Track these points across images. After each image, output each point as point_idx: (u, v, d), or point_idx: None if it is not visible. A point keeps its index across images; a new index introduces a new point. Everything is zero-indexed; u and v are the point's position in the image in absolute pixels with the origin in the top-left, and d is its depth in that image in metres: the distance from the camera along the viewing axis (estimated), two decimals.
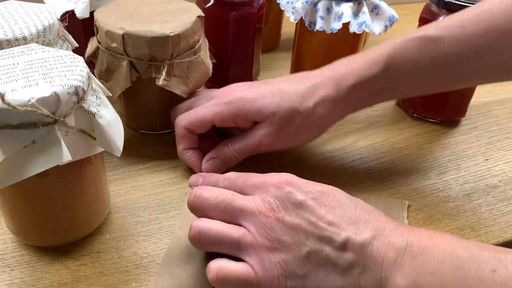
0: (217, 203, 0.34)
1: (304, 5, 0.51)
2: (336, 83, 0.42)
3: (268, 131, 0.42)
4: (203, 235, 0.33)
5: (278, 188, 0.33)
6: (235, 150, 0.44)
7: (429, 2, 0.51)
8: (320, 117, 0.42)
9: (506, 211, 0.44)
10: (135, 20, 0.45)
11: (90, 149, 0.33)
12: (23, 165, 0.29)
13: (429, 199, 0.45)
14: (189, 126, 0.44)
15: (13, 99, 0.28)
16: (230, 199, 0.34)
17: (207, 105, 0.44)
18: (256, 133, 0.43)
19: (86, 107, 0.31)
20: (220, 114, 0.43)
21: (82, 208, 0.36)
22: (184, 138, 0.44)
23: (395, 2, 0.78)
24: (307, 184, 0.34)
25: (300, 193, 0.33)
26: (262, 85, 0.44)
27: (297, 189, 0.33)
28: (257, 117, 0.42)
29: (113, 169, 0.46)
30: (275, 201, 0.33)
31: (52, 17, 0.42)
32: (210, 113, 0.43)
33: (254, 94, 0.42)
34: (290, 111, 0.41)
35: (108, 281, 0.35)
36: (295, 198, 0.32)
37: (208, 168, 0.44)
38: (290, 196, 0.33)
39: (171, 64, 0.45)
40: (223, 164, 0.45)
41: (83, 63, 0.33)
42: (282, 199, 0.33)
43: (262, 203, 0.33)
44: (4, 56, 0.32)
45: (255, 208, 0.33)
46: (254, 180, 0.35)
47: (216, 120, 0.43)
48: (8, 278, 0.35)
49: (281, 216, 0.32)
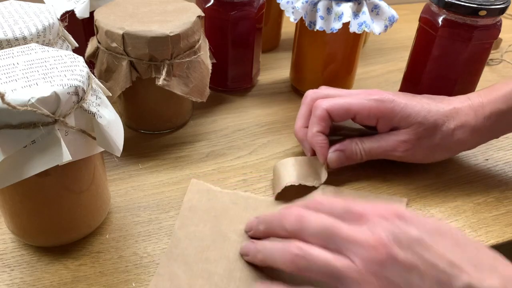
0: (321, 229, 0.31)
1: (304, 5, 0.51)
2: (474, 112, 0.43)
3: (408, 139, 0.43)
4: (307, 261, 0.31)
5: (388, 221, 0.30)
6: (364, 149, 0.44)
7: (429, 2, 0.51)
8: (457, 141, 0.43)
9: (506, 211, 0.44)
10: (135, 20, 0.45)
11: (90, 149, 0.33)
12: (23, 165, 0.29)
13: (429, 199, 0.45)
14: (331, 110, 0.44)
15: (13, 99, 0.28)
16: (335, 227, 0.31)
17: (355, 97, 0.44)
18: (393, 138, 0.44)
19: (86, 107, 0.31)
20: (369, 108, 0.43)
21: (82, 208, 0.36)
22: (322, 120, 0.44)
23: (395, 2, 0.78)
24: (420, 219, 0.30)
25: (414, 228, 0.29)
26: (409, 95, 0.45)
27: (410, 224, 0.29)
28: (403, 122, 0.43)
29: (113, 169, 0.46)
30: (387, 234, 0.29)
31: (52, 17, 0.42)
32: (357, 104, 0.44)
33: (404, 100, 0.44)
34: (434, 126, 0.43)
35: (108, 281, 0.35)
36: (409, 234, 0.29)
37: (333, 158, 0.44)
38: (404, 230, 0.29)
39: (171, 64, 0.45)
40: (346, 159, 0.45)
41: (83, 63, 0.33)
42: (395, 233, 0.29)
43: (372, 235, 0.29)
44: (4, 56, 0.32)
45: (364, 239, 0.29)
46: (358, 208, 0.32)
47: (361, 113, 0.44)
48: (8, 278, 0.35)
49: (394, 252, 0.28)
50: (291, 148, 0.50)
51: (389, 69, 0.68)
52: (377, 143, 0.44)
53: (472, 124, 0.43)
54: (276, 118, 0.55)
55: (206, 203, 0.42)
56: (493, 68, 0.70)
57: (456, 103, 0.44)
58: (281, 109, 0.57)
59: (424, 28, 0.52)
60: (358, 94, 0.45)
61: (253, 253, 0.36)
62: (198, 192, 0.43)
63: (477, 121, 0.43)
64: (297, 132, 0.47)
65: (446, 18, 0.49)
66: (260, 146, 0.50)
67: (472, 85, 0.54)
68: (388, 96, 0.44)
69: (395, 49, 0.74)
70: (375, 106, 0.43)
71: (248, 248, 0.36)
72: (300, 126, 0.47)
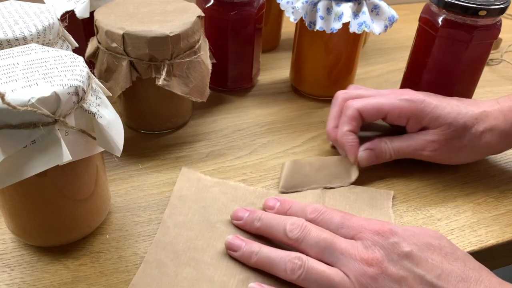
0: (318, 241, 0.33)
1: (304, 5, 0.51)
2: (504, 116, 0.44)
3: (437, 139, 0.44)
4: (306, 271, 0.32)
5: (382, 237, 0.32)
6: (394, 148, 0.45)
7: (429, 2, 0.51)
8: (485, 144, 0.44)
9: (506, 211, 0.44)
10: (135, 20, 0.45)
11: (90, 149, 0.33)
12: (23, 165, 0.29)
13: (429, 199, 0.45)
14: (363, 110, 0.44)
15: (13, 99, 0.28)
16: (331, 240, 0.33)
17: (386, 97, 0.45)
18: (422, 137, 0.44)
19: (86, 107, 0.31)
20: (400, 108, 0.44)
21: (82, 208, 0.36)
22: (353, 120, 0.45)
23: (395, 2, 0.78)
24: (412, 235, 0.32)
25: (406, 244, 0.31)
26: (439, 96, 0.45)
27: (402, 240, 0.32)
28: (433, 122, 0.44)
29: (113, 169, 0.46)
30: (379, 250, 0.31)
31: (52, 17, 0.42)
32: (389, 104, 0.44)
33: (435, 101, 0.44)
34: (463, 128, 0.43)
35: (108, 281, 0.35)
36: (401, 250, 0.31)
37: (364, 157, 0.45)
38: (395, 246, 0.31)
39: (171, 64, 0.45)
40: (376, 158, 0.45)
41: (83, 63, 0.33)
42: (387, 249, 0.31)
43: (365, 250, 0.32)
44: (4, 56, 0.32)
45: (358, 254, 0.32)
46: (354, 222, 0.34)
47: (392, 113, 0.44)
48: (8, 278, 0.35)
49: (385, 267, 0.30)
50: (291, 148, 0.50)
51: (389, 69, 0.68)
52: (406, 142, 0.45)
53: (501, 128, 0.43)
54: (276, 118, 0.55)
55: (196, 193, 0.42)
56: (493, 68, 0.70)
57: (486, 107, 0.44)
58: (281, 109, 0.57)
59: (424, 28, 0.52)
60: (389, 94, 0.46)
61: (245, 253, 0.36)
62: (188, 181, 0.44)
63: (506, 125, 0.43)
64: (329, 133, 0.47)
65: (446, 18, 0.49)
66: (260, 146, 0.50)
67: (472, 85, 0.54)
68: (419, 97, 0.44)
69: (395, 49, 0.74)
70: (406, 106, 0.44)
71: (238, 245, 0.36)
72: (333, 127, 0.47)
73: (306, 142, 0.51)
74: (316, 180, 0.45)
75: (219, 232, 0.39)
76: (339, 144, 0.46)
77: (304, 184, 0.44)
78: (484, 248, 0.40)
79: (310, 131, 0.53)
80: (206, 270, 0.36)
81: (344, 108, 0.46)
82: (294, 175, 0.45)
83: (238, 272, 0.36)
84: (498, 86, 0.65)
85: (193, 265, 0.36)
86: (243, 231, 0.39)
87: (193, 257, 0.36)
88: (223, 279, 0.35)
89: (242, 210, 0.39)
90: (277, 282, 0.35)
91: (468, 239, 0.41)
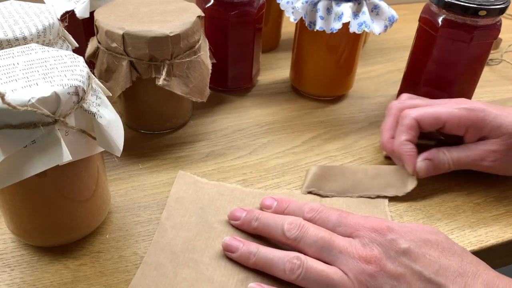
0: (316, 239, 0.33)
1: (304, 5, 0.51)
2: None
3: (497, 149, 0.43)
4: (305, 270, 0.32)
5: (379, 234, 0.32)
6: (452, 158, 0.44)
7: (429, 2, 0.51)
8: None
9: (506, 211, 0.44)
10: (135, 20, 0.45)
11: (90, 149, 0.33)
12: (23, 165, 0.29)
13: (429, 199, 0.45)
14: (420, 119, 0.44)
15: (13, 99, 0.28)
16: (329, 238, 0.33)
17: (443, 106, 0.44)
18: (482, 147, 0.43)
19: (86, 107, 0.31)
20: (459, 117, 0.43)
21: (82, 208, 0.36)
22: (410, 129, 0.44)
23: (395, 2, 0.78)
24: (409, 231, 0.32)
25: (403, 240, 0.31)
26: (498, 106, 0.45)
27: (400, 237, 0.32)
28: (494, 131, 0.43)
29: (113, 169, 0.46)
30: (377, 247, 0.31)
31: (52, 17, 0.42)
32: (447, 113, 0.43)
33: (495, 110, 0.43)
34: None
35: (108, 281, 0.35)
36: (398, 246, 0.31)
37: (423, 167, 0.44)
38: (393, 243, 0.31)
39: (171, 64, 0.45)
40: (434, 169, 0.44)
41: (83, 63, 0.33)
42: (385, 246, 0.31)
43: (363, 248, 0.32)
44: (4, 56, 0.32)
45: (356, 252, 0.32)
46: (351, 220, 0.34)
47: (451, 122, 0.43)
48: (8, 278, 0.35)
49: (383, 264, 0.31)
50: (291, 148, 0.50)
51: (389, 69, 0.68)
52: (465, 153, 0.44)
53: None
54: (276, 118, 0.55)
55: (193, 195, 0.42)
56: (493, 68, 0.70)
57: None
58: (281, 109, 0.57)
59: (424, 28, 0.52)
60: (445, 103, 0.45)
61: (243, 254, 0.35)
62: (185, 184, 0.44)
63: None
64: (385, 144, 0.46)
65: (446, 18, 0.49)
66: (260, 146, 0.50)
67: (472, 85, 0.54)
68: (478, 105, 0.44)
69: (395, 49, 0.74)
70: (466, 115, 0.43)
71: (236, 246, 0.36)
72: (388, 138, 0.46)
73: (306, 142, 0.51)
74: (370, 188, 0.44)
75: (217, 232, 0.39)
76: (395, 155, 0.45)
77: (357, 191, 0.44)
78: (484, 248, 0.40)
79: (310, 131, 0.53)
80: (205, 271, 0.36)
81: (400, 117, 0.45)
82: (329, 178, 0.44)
83: (237, 272, 0.36)
84: (498, 86, 0.65)
85: (192, 265, 0.36)
86: (240, 231, 0.39)
87: (191, 258, 0.37)
88: (222, 279, 0.35)
89: (239, 210, 0.39)
90: (276, 282, 0.35)
91: (468, 239, 0.41)
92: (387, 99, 0.59)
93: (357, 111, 0.57)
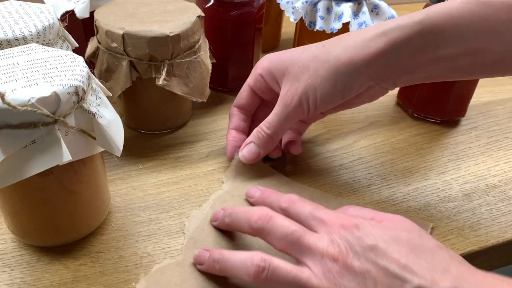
0: (286, 234, 0.32)
1: (304, 5, 0.51)
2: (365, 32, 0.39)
3: (289, 85, 0.41)
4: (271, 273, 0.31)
5: (347, 231, 0.31)
6: (266, 126, 0.43)
7: (429, 2, 0.51)
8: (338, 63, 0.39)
9: (506, 211, 0.44)
10: (135, 20, 0.45)
11: (90, 149, 0.33)
12: (23, 165, 0.29)
13: (429, 199, 0.45)
14: (237, 101, 0.46)
15: (13, 99, 0.28)
16: (300, 234, 0.32)
17: None
18: (279, 97, 0.42)
19: (86, 107, 0.31)
20: (254, 75, 0.44)
21: (82, 208, 0.36)
22: (232, 116, 0.46)
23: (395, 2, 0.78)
24: (379, 229, 0.31)
25: (371, 237, 0.31)
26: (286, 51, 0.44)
27: (367, 233, 0.31)
28: (278, 69, 0.42)
29: (113, 169, 0.46)
30: (344, 244, 0.31)
31: (52, 17, 0.42)
32: (248, 79, 0.45)
33: (282, 52, 0.44)
34: (309, 59, 0.40)
35: (108, 281, 0.35)
36: (365, 243, 0.30)
37: (245, 156, 0.44)
38: (360, 240, 0.31)
39: (171, 64, 0.45)
40: (259, 149, 0.44)
41: (83, 63, 0.33)
42: (352, 242, 0.31)
43: (331, 244, 0.31)
44: (4, 56, 0.32)
45: (324, 249, 0.31)
46: (322, 215, 0.33)
47: (251, 83, 0.45)
48: (8, 278, 0.35)
49: (349, 261, 0.30)
50: None
51: None
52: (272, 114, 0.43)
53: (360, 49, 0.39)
54: None
55: None
56: None
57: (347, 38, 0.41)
58: None
59: None
60: None
61: (209, 263, 0.34)
62: None
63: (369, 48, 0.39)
64: None
65: None
66: None
67: (472, 85, 0.54)
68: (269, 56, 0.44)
69: None
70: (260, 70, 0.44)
71: (202, 257, 0.35)
72: None
73: (306, 142, 0.51)
74: None
75: None
76: None
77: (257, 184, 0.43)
78: (484, 248, 0.40)
79: (310, 131, 0.53)
80: None
81: None
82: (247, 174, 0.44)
83: None
84: (498, 86, 0.65)
85: None
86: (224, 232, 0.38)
87: None
88: None
89: (220, 211, 0.39)
90: None
91: (468, 239, 0.41)
92: (387, 99, 0.59)
93: (357, 111, 0.57)
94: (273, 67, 0.43)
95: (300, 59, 0.41)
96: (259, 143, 0.43)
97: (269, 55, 0.44)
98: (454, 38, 0.37)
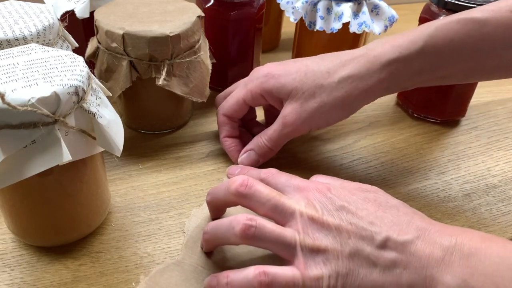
0: (267, 199, 0.34)
1: (304, 5, 0.51)
2: (367, 60, 0.41)
3: (291, 108, 0.43)
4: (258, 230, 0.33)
5: (320, 193, 0.34)
6: (266, 139, 0.45)
7: (429, 2, 0.51)
8: (346, 94, 0.41)
9: (506, 211, 0.44)
10: (135, 20, 0.45)
11: (90, 149, 0.33)
12: (23, 165, 0.29)
13: (429, 199, 0.45)
14: (227, 112, 0.46)
15: (13, 99, 0.28)
16: (279, 199, 0.34)
17: (239, 87, 0.46)
18: (280, 115, 0.44)
19: (86, 107, 0.31)
20: (250, 92, 0.44)
21: (82, 208, 0.36)
22: (224, 125, 0.46)
23: (395, 2, 0.78)
24: (348, 190, 0.35)
25: (342, 198, 0.34)
26: (291, 62, 0.45)
27: (338, 195, 0.34)
28: (281, 93, 0.43)
29: (113, 169, 0.46)
30: (319, 204, 0.34)
31: (52, 17, 0.42)
32: (242, 93, 0.45)
33: (279, 71, 0.44)
34: (314, 86, 0.42)
35: (108, 281, 0.35)
36: (337, 203, 0.33)
37: (244, 161, 0.45)
38: (332, 200, 0.34)
39: (171, 64, 0.45)
40: (258, 157, 0.45)
41: (83, 63, 0.33)
42: (325, 203, 0.34)
43: (308, 206, 0.34)
44: (4, 56, 0.32)
45: (303, 210, 0.33)
46: (297, 182, 0.36)
47: (248, 99, 0.45)
48: (8, 278, 0.35)
49: (325, 219, 0.33)
50: (291, 148, 0.50)
51: None
52: (271, 128, 0.44)
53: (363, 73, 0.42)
54: None
55: None
56: None
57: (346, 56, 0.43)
58: None
59: None
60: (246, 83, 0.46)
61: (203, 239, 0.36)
62: None
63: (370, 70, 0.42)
64: None
65: None
66: None
67: (472, 85, 0.54)
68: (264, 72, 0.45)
69: None
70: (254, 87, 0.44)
71: None
72: None
73: (305, 142, 0.51)
74: None
75: None
76: None
77: None
78: None
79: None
80: None
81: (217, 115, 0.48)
82: None
83: None
84: (498, 86, 0.65)
85: None
86: None
87: None
88: None
89: None
90: None
91: None
92: (387, 98, 0.59)
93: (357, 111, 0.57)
94: (274, 90, 0.43)
95: (304, 84, 0.42)
96: (259, 152, 0.45)
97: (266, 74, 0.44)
98: (452, 59, 0.40)
